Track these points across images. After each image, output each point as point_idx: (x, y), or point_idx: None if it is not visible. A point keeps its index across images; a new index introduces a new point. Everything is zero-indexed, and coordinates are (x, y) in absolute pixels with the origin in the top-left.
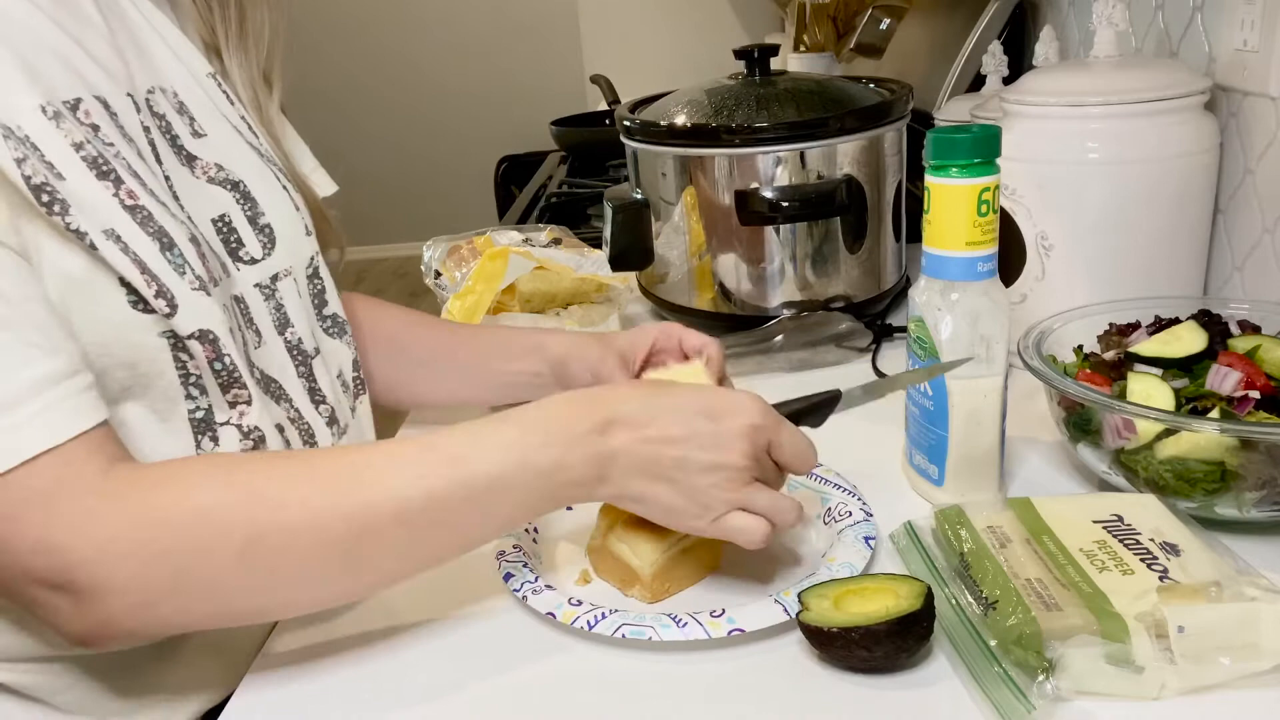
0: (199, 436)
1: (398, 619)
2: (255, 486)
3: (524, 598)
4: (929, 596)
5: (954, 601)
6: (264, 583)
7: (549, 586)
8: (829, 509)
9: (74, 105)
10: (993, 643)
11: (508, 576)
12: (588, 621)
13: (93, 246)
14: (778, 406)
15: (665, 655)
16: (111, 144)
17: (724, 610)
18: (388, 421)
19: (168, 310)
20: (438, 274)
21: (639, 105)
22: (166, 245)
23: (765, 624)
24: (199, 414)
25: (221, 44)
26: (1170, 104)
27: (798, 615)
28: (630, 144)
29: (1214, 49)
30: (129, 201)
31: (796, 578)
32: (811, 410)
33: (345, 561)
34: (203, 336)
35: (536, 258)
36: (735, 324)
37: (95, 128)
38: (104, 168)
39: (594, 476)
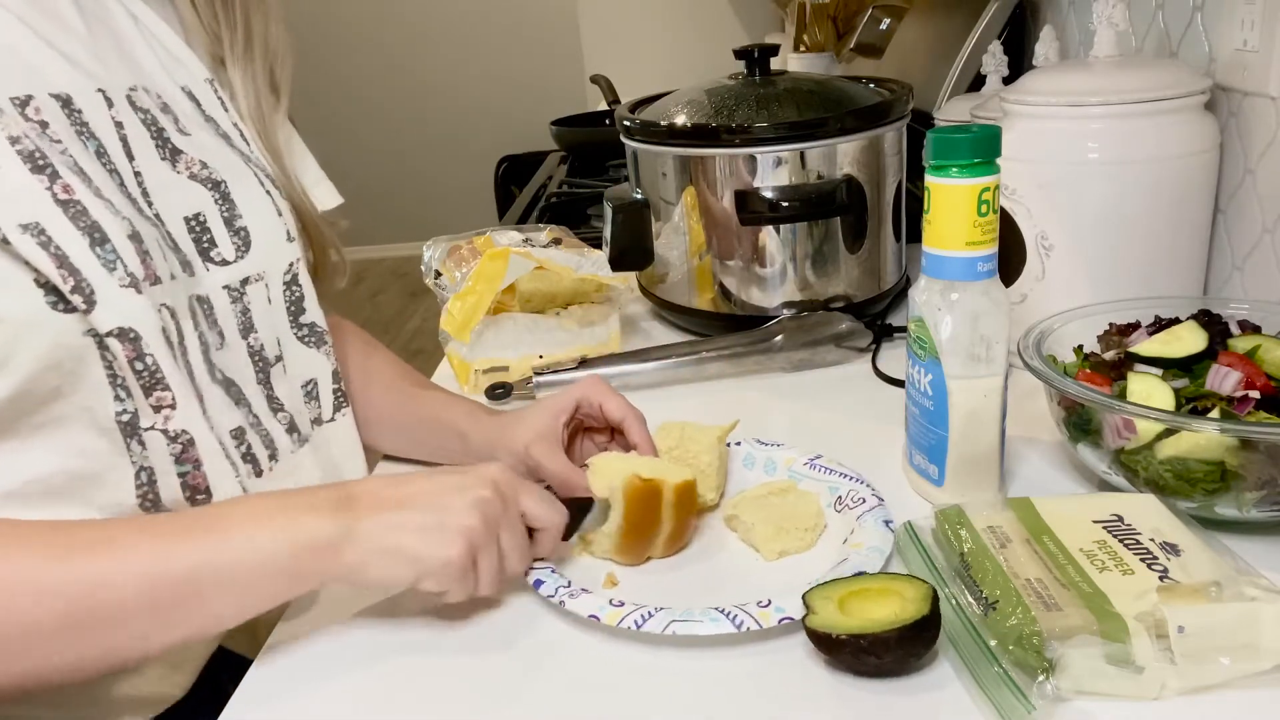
0: (128, 440)
1: (404, 621)
2: None
3: (560, 603)
4: (935, 599)
5: (954, 601)
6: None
7: (584, 590)
8: (839, 497)
9: (23, 102)
10: (993, 643)
11: (538, 584)
12: (635, 621)
13: (5, 241)
14: None
15: (668, 655)
16: (59, 141)
17: (770, 600)
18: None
19: (84, 306)
20: (438, 274)
21: (639, 105)
22: (98, 240)
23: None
24: (125, 416)
25: (226, 54)
26: (1170, 104)
27: (804, 620)
28: (630, 144)
29: (1214, 49)
30: (62, 196)
31: (821, 566)
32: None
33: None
34: (123, 335)
35: (536, 258)
36: (735, 324)
37: (43, 124)
38: (40, 162)
39: (340, 533)
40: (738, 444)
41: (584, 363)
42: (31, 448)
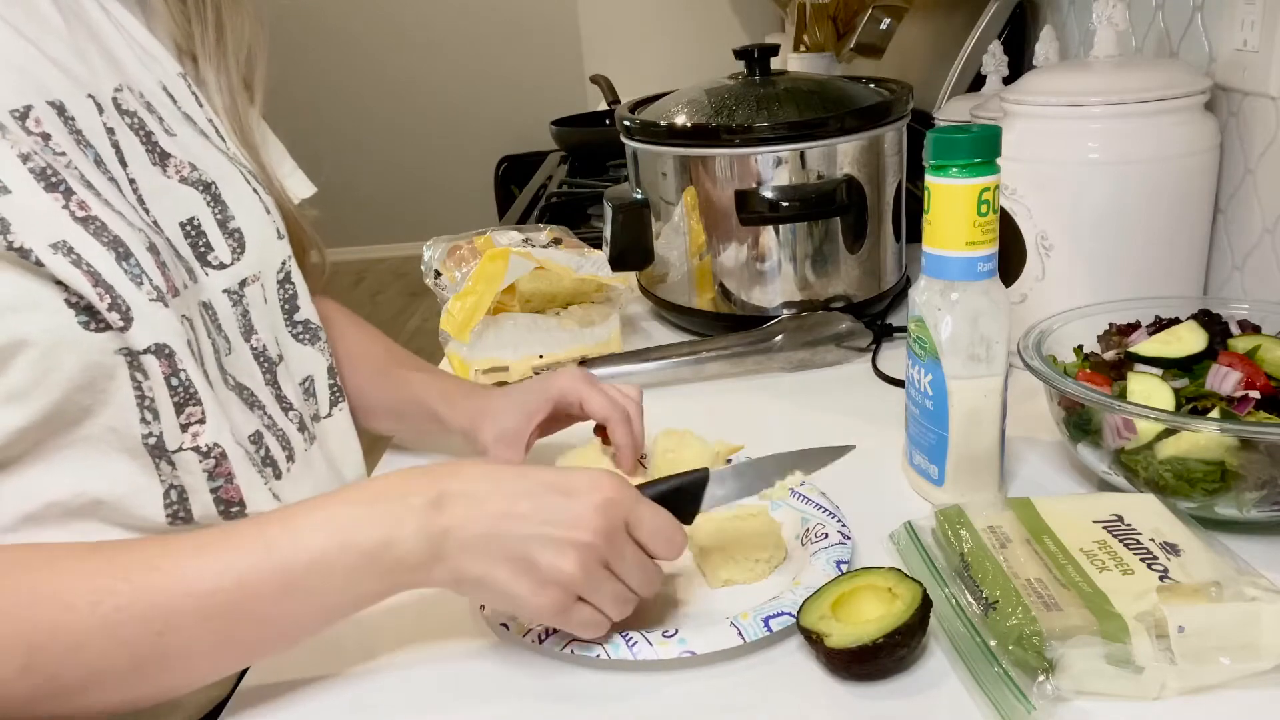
0: (156, 460)
1: (377, 652)
2: (39, 588)
3: (481, 606)
4: (908, 577)
5: (954, 602)
6: (49, 690)
7: None
8: (807, 529)
9: (23, 114)
10: (993, 643)
11: None
12: (537, 636)
13: (39, 263)
14: (643, 488)
15: (657, 671)
16: (63, 153)
17: (676, 630)
18: (375, 438)
19: (122, 323)
20: (438, 274)
21: (639, 105)
22: (123, 255)
23: (718, 647)
24: (151, 440)
25: (198, 50)
26: (1170, 104)
27: (824, 645)
28: (630, 144)
29: (1214, 49)
30: (80, 213)
31: (758, 600)
32: (676, 495)
33: (143, 663)
34: (159, 351)
35: (536, 258)
36: (735, 324)
37: (45, 136)
38: (53, 179)
39: (428, 554)
40: (728, 461)
41: (584, 363)
42: (55, 470)
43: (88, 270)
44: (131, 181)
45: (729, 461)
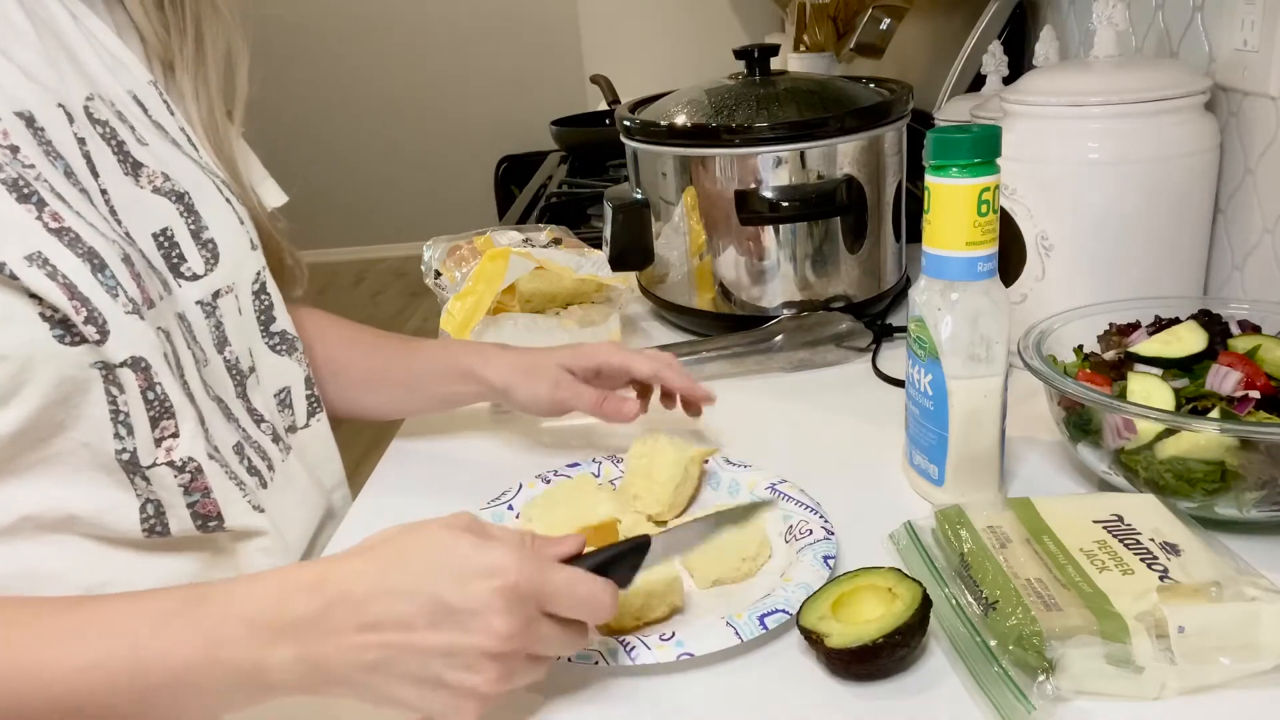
0: (131, 476)
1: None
2: None
3: None
4: (902, 573)
5: (954, 602)
6: None
7: None
8: (790, 526)
9: None
10: (993, 643)
11: None
12: None
13: (13, 276)
14: (580, 560)
15: (655, 676)
16: (32, 165)
17: (673, 633)
18: (382, 431)
19: (98, 336)
20: (438, 274)
21: (639, 105)
22: (98, 266)
23: (716, 648)
24: (125, 455)
25: (176, 60)
26: (1170, 104)
27: (824, 643)
28: (630, 144)
29: (1214, 49)
30: (53, 224)
31: (751, 599)
32: (616, 560)
33: None
34: (135, 364)
35: (536, 258)
36: (735, 324)
37: (14, 149)
38: (25, 190)
39: (309, 680)
40: (705, 462)
41: None
42: (28, 485)
43: (63, 282)
44: (103, 192)
45: (706, 462)
